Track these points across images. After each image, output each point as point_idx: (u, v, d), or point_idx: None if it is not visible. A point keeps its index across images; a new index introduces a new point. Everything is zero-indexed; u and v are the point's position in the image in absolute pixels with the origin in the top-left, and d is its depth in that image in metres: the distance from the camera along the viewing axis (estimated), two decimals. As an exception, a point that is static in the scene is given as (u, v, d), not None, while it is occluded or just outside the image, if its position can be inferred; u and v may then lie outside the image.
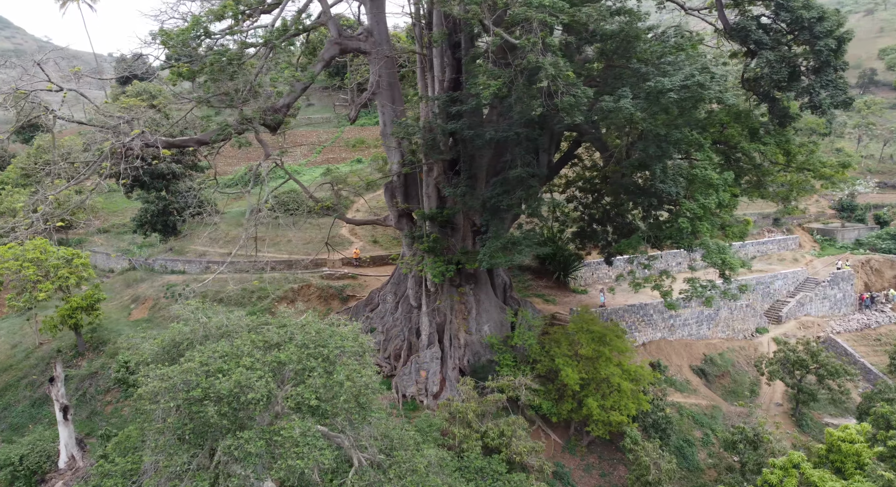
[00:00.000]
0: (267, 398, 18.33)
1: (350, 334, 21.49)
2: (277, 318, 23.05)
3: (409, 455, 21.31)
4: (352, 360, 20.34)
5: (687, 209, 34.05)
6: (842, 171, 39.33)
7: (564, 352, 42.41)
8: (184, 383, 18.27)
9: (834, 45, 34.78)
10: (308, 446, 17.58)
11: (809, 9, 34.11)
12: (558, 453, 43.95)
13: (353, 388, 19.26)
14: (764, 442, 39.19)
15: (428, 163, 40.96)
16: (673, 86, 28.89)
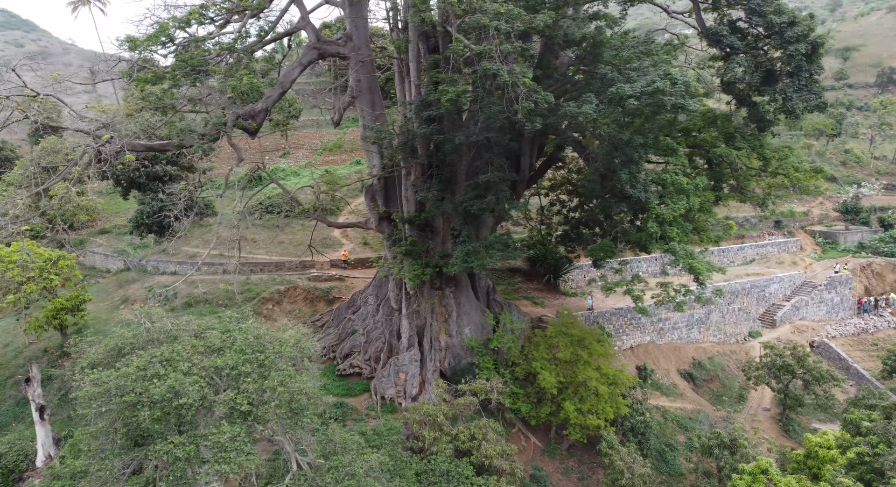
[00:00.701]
0: (200, 402, 18.62)
1: (290, 339, 21.74)
2: (222, 323, 23.37)
3: (349, 460, 21.53)
4: (288, 365, 20.58)
5: (656, 214, 34.01)
6: (815, 176, 39.05)
7: (543, 355, 42.48)
8: (118, 388, 18.61)
9: (807, 49, 34.64)
10: (236, 451, 17.86)
11: (780, 14, 33.99)
12: (537, 456, 44.01)
13: (286, 393, 19.51)
14: (740, 448, 39.04)
15: (406, 167, 41.18)
16: (634, 92, 28.90)
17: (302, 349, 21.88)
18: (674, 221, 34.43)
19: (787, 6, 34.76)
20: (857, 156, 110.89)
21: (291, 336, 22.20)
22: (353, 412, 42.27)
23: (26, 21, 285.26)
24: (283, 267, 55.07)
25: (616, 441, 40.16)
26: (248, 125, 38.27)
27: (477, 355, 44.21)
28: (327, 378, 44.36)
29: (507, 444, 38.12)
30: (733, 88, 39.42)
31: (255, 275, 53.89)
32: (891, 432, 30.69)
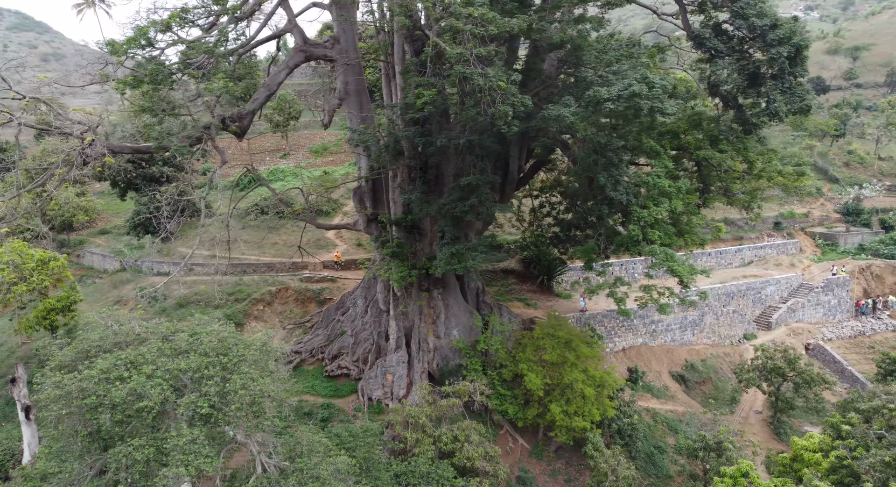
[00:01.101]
0: (161, 405, 18.80)
1: (256, 342, 21.90)
2: (190, 325, 23.55)
3: (314, 462, 21.65)
4: (251, 368, 20.73)
5: (637, 217, 34.01)
6: (798, 179, 38.93)
7: (529, 357, 42.54)
8: (81, 390, 18.81)
9: (790, 52, 34.56)
10: (194, 454, 18.03)
11: (762, 17, 33.95)
12: (525, 458, 44.06)
13: (248, 396, 19.67)
14: (725, 451, 38.97)
15: (392, 168, 41.32)
16: (610, 95, 28.93)
17: (268, 351, 22.03)
18: (656, 223, 34.43)
19: (770, 9, 34.69)
20: (860, 157, 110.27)
21: (257, 339, 22.35)
22: (340, 413, 42.47)
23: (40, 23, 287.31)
24: (275, 268, 55.31)
25: (601, 444, 40.17)
26: (235, 128, 38.58)
27: (465, 356, 44.33)
28: (315, 379, 44.59)
29: (492, 446, 38.23)
30: (719, 90, 39.44)
31: (248, 276, 54.14)
32: (869, 435, 30.55)
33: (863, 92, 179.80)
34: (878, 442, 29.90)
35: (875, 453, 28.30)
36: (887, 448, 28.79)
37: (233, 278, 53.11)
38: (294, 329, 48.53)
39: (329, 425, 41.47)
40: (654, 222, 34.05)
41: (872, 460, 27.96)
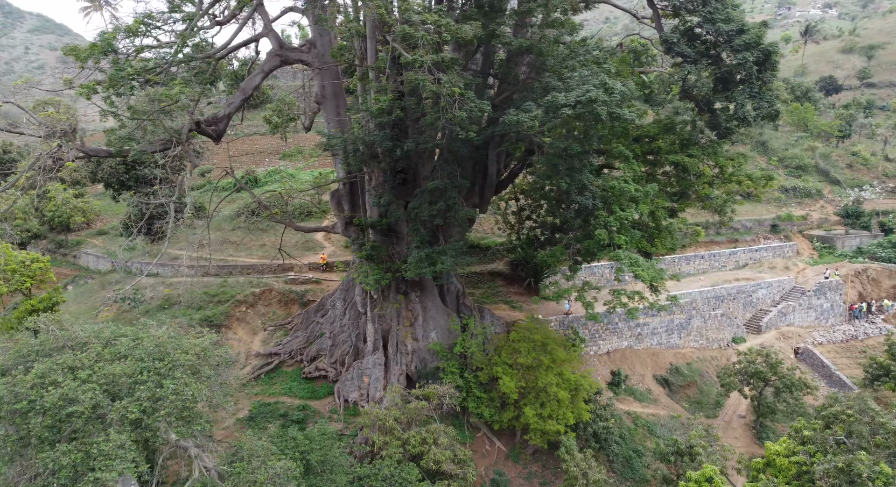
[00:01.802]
0: (92, 411, 19.08)
1: (195, 347, 22.13)
2: (134, 330, 23.82)
3: (253, 467, 21.88)
4: (185, 374, 20.97)
5: (604, 222, 34.00)
6: (768, 183, 38.73)
7: (505, 361, 42.63)
8: (12, 395, 19.13)
9: (757, 57, 34.47)
10: (120, 458, 18.29)
11: (729, 22, 33.92)
12: (501, 460, 44.18)
13: (178, 401, 19.92)
14: (697, 455, 38.87)
15: (368, 172, 41.52)
16: (567, 101, 28.96)
17: (205, 357, 22.25)
18: (622, 228, 34.41)
19: (737, 14, 34.59)
20: (864, 158, 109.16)
21: (195, 345, 22.57)
22: (316, 415, 42.75)
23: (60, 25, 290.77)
24: (261, 270, 55.66)
25: (574, 447, 40.19)
26: (210, 131, 38.99)
27: (442, 359, 44.48)
28: (293, 381, 44.94)
29: (463, 448, 38.35)
30: (691, 94, 39.38)
31: (233, 277, 54.56)
32: (828, 441, 30.43)
33: (877, 91, 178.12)
34: (837, 448, 29.78)
35: (830, 459, 28.18)
36: (844, 453, 28.65)
37: (217, 280, 53.59)
38: (275, 331, 48.90)
39: (304, 426, 41.84)
40: (620, 227, 34.00)
41: (827, 466, 27.86)
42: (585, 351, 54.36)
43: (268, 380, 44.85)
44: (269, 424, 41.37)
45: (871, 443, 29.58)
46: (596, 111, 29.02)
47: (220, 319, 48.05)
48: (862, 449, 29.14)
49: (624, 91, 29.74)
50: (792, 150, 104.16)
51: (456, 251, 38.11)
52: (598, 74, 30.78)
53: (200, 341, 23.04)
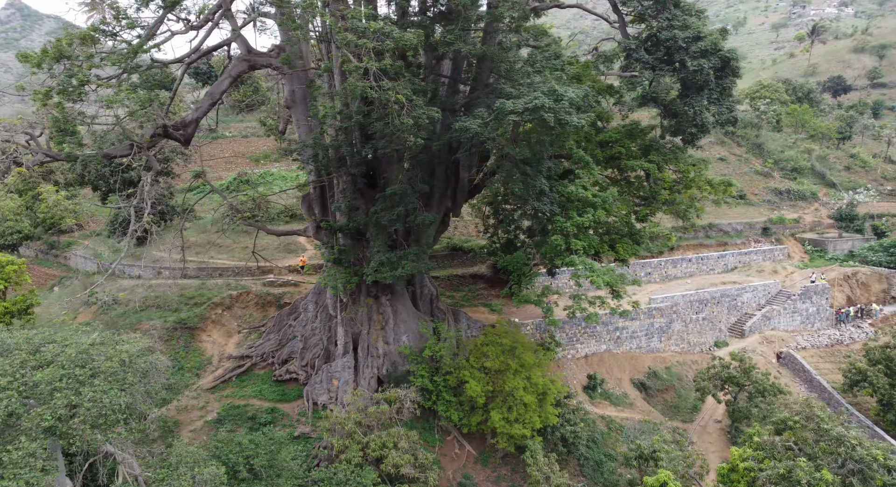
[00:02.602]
0: (6, 419, 19.31)
1: (120, 354, 22.33)
2: (64, 336, 24.04)
3: (179, 473, 22.08)
4: (106, 381, 21.17)
5: (560, 227, 34.10)
6: (727, 188, 38.66)
7: (472, 365, 42.76)
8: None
9: (715, 63, 34.50)
10: (29, 467, 18.53)
11: (685, 29, 33.98)
12: (470, 464, 44.28)
13: (95, 409, 20.14)
14: (659, 460, 38.86)
15: (336, 176, 41.75)
16: (515, 108, 29.07)
17: (130, 364, 22.44)
18: (580, 233, 34.47)
19: (694, 22, 34.58)
20: (863, 160, 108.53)
21: (121, 351, 22.76)
22: (284, 418, 43.00)
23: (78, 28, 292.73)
24: (242, 272, 55.97)
25: (539, 451, 40.26)
26: (178, 135, 39.37)
27: (413, 363, 44.65)
28: (264, 384, 45.18)
29: (425, 452, 38.48)
30: (657, 99, 39.41)
31: (213, 280, 54.90)
32: (776, 447, 30.40)
33: (887, 92, 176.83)
34: (785, 454, 29.76)
35: (774, 464, 28.17)
36: (791, 460, 28.64)
37: (197, 282, 53.94)
38: (250, 334, 49.20)
39: (272, 429, 42.12)
40: (577, 232, 34.08)
41: (770, 472, 27.85)
42: (563, 355, 54.47)
43: (239, 383, 45.14)
44: (237, 426, 41.69)
45: (815, 450, 29.53)
46: (543, 118, 29.11)
47: (194, 321, 48.40)
48: (807, 456, 29.14)
49: (572, 98, 29.77)
50: (788, 152, 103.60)
51: (417, 256, 38.26)
52: (549, 81, 30.84)
53: (127, 347, 23.20)
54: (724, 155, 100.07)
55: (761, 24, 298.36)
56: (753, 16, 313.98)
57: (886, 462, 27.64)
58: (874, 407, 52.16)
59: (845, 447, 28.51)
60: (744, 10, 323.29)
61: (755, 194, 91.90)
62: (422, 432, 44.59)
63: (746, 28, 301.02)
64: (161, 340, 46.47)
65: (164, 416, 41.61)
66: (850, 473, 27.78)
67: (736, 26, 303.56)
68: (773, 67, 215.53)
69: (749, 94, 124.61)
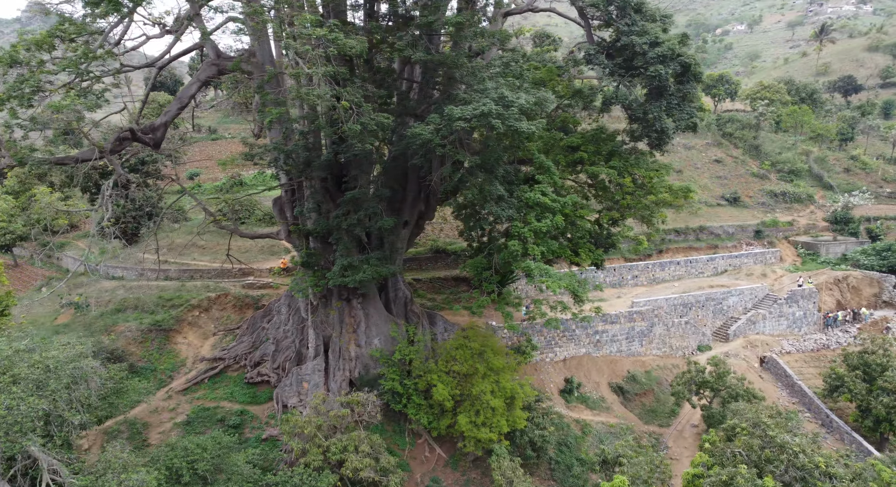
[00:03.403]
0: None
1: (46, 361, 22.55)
2: (1, 341, 24.33)
3: (105, 479, 22.25)
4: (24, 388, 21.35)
5: (517, 232, 34.14)
6: (687, 194, 38.49)
7: (441, 368, 42.84)
8: None
9: (674, 69, 34.39)
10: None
11: (643, 34, 33.90)
12: (440, 467, 44.36)
13: (10, 416, 20.34)
14: (622, 465, 38.78)
15: (305, 179, 41.94)
16: (462, 115, 29.14)
17: (53, 370, 22.61)
18: (538, 239, 34.48)
19: (653, 28, 34.45)
20: (863, 162, 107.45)
21: (45, 358, 22.95)
22: (253, 420, 43.29)
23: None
24: (222, 274, 56.28)
25: (505, 455, 40.29)
26: (147, 139, 39.75)
27: (384, 366, 44.79)
28: (236, 386, 45.47)
29: (388, 456, 38.50)
30: (625, 104, 39.35)
31: (193, 281, 55.26)
32: (725, 453, 30.33)
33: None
34: (734, 460, 29.71)
35: (717, 471, 28.12)
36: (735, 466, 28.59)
37: (176, 284, 54.32)
38: (225, 336, 49.51)
39: (240, 431, 42.43)
40: (534, 238, 34.09)
41: (714, 479, 27.78)
42: (541, 358, 54.45)
43: (211, 385, 45.44)
44: (206, 428, 41.97)
45: (760, 457, 29.40)
46: (491, 124, 29.16)
47: (169, 323, 48.75)
48: (753, 463, 29.07)
49: (522, 105, 29.78)
50: (785, 154, 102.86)
51: (381, 260, 38.38)
52: (501, 87, 30.86)
53: (55, 354, 23.38)
54: (720, 157, 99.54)
55: (777, 23, 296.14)
56: (769, 14, 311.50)
57: (828, 470, 27.50)
58: (853, 413, 51.74)
59: (787, 454, 28.41)
60: (760, 7, 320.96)
61: (750, 197, 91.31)
62: (392, 435, 44.83)
63: (762, 26, 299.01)
64: (135, 342, 46.94)
65: (135, 418, 42.06)
66: (793, 480, 27.67)
67: (751, 24, 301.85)
68: (784, 66, 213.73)
69: (750, 94, 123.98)
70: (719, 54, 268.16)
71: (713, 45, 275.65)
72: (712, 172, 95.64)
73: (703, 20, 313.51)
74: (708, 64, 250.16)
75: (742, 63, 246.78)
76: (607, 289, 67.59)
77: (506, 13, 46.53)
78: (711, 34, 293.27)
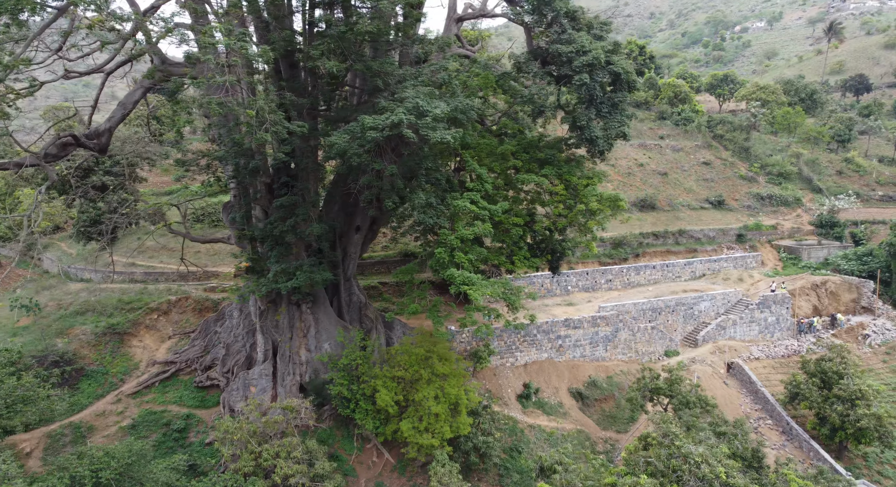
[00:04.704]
0: None
1: None
2: None
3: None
4: None
5: (443, 239, 34.17)
6: (616, 202, 38.24)
7: (385, 374, 42.91)
8: None
9: (600, 78, 34.26)
10: None
11: (569, 43, 33.77)
12: (387, 472, 44.45)
13: None
14: (559, 473, 38.70)
15: (251, 184, 42.17)
16: (374, 124, 29.21)
17: None
18: (465, 246, 34.49)
19: (580, 36, 34.22)
20: (857, 165, 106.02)
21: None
22: (199, 424, 43.65)
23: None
24: (187, 277, 56.63)
25: (446, 461, 40.27)
26: (92, 145, 40.19)
27: (333, 370, 44.96)
28: (186, 390, 45.85)
29: (326, 462, 38.66)
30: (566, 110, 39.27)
31: (156, 284, 55.74)
32: (639, 463, 30.30)
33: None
34: (644, 468, 29.71)
35: (627, 480, 28.09)
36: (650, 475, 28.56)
37: (139, 287, 54.81)
38: (181, 339, 49.90)
39: (185, 435, 42.82)
40: (460, 245, 34.10)
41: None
42: (501, 363, 54.36)
43: (162, 388, 45.83)
44: (151, 432, 42.39)
45: (668, 467, 29.27)
46: (402, 134, 29.23)
47: (126, 326, 49.20)
48: (661, 472, 29.05)
49: (437, 114, 29.78)
50: (775, 156, 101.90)
51: (310, 266, 38.52)
52: (420, 95, 30.87)
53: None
54: (709, 159, 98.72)
55: (798, 19, 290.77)
56: (791, 10, 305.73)
57: (728, 481, 27.31)
58: (811, 421, 51.27)
59: (689, 464, 28.28)
60: (781, 3, 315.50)
61: (735, 200, 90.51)
62: (341, 440, 45.02)
63: (782, 23, 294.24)
64: (89, 345, 47.42)
65: (81, 421, 42.53)
66: (694, 490, 27.57)
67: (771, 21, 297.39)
68: (798, 65, 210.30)
69: (745, 95, 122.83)
70: (737, 52, 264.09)
71: (731, 42, 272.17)
72: (699, 175, 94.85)
73: (723, 17, 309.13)
74: (725, 62, 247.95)
75: (759, 61, 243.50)
76: (579, 293, 67.45)
77: (458, 19, 46.61)
78: (730, 32, 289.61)
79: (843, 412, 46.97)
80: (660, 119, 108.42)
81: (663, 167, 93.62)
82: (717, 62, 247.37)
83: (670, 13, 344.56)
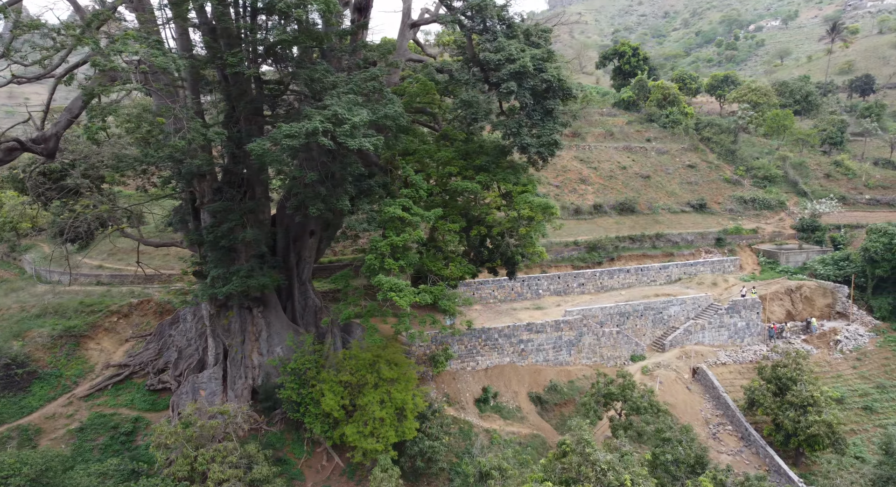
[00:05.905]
0: None
1: None
2: None
3: None
4: None
5: (374, 246, 34.35)
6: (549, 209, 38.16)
7: (332, 378, 43.09)
8: None
9: (530, 85, 34.31)
10: None
11: (498, 51, 33.84)
12: (335, 476, 44.64)
13: None
14: (494, 478, 38.79)
15: (196, 189, 42.47)
16: (291, 132, 29.40)
17: None
18: (396, 252, 34.65)
19: (510, 45, 34.20)
20: (846, 168, 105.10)
21: None
22: (147, 428, 43.90)
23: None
24: (153, 280, 57.01)
25: (389, 466, 40.40)
26: (39, 149, 40.55)
27: (283, 375, 45.19)
28: (137, 393, 46.19)
29: (265, 466, 38.71)
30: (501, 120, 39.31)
31: (121, 287, 56.16)
32: (555, 469, 30.45)
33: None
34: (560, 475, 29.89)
35: None
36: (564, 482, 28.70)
37: (103, 289, 55.24)
38: (138, 342, 50.27)
39: (132, 438, 43.16)
40: (390, 251, 34.26)
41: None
42: (461, 367, 54.39)
43: (114, 391, 46.21)
44: (99, 435, 42.77)
45: (579, 474, 29.38)
46: (319, 142, 29.40)
47: (83, 329, 49.60)
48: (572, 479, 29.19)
49: (356, 122, 29.92)
50: (762, 159, 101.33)
51: (246, 271, 38.74)
52: (342, 103, 31.03)
53: None
54: (694, 162, 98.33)
55: (814, 18, 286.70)
56: (806, 9, 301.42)
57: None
58: (767, 427, 51.04)
59: (595, 471, 28.40)
60: (797, 1, 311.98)
61: (718, 203, 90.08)
62: (291, 443, 45.25)
63: (797, 22, 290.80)
64: (44, 347, 47.85)
65: (29, 424, 42.94)
66: (601, 497, 27.70)
67: (786, 20, 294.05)
68: (807, 64, 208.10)
69: (737, 97, 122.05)
70: (750, 52, 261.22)
71: (745, 41, 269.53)
72: (683, 178, 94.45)
73: (737, 16, 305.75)
74: (737, 61, 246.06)
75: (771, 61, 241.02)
76: (550, 297, 67.34)
77: (413, 24, 46.71)
78: (744, 31, 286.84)
79: (796, 419, 46.77)
80: (647, 121, 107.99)
81: (647, 170, 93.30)
82: (730, 62, 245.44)
83: (685, 12, 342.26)
